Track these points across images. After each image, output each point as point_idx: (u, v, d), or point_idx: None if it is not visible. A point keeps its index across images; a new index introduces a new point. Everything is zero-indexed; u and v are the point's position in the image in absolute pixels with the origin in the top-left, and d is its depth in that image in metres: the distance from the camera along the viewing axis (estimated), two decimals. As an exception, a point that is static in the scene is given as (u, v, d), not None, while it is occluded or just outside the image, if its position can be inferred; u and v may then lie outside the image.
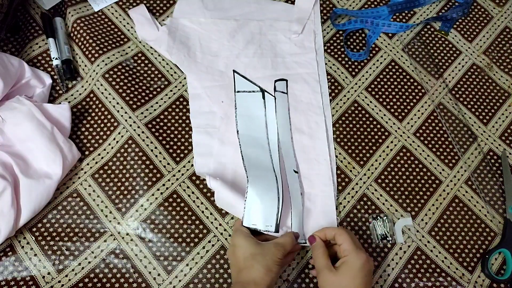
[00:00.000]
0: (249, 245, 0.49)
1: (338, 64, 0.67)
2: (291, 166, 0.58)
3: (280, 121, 0.61)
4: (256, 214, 0.52)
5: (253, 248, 0.48)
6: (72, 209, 0.55)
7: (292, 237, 0.52)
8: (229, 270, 0.53)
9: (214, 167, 0.57)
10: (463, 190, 0.60)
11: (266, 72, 0.64)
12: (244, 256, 0.48)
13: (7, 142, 0.53)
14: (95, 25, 0.65)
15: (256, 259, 0.47)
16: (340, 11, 0.70)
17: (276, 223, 0.52)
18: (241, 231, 0.51)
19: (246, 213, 0.52)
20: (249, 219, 0.52)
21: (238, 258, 0.49)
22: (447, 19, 0.71)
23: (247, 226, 0.52)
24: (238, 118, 0.60)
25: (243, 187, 0.55)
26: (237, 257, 0.49)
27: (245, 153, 0.57)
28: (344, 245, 0.49)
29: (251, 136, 0.59)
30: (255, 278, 0.46)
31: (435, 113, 0.65)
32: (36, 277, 0.51)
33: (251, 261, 0.48)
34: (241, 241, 0.50)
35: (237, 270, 0.49)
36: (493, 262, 0.57)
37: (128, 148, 0.58)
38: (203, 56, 0.64)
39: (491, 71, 0.69)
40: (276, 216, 0.52)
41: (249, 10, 0.69)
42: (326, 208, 0.57)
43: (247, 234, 0.51)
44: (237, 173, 0.57)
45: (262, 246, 0.49)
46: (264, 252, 0.48)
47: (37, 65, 0.62)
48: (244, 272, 0.48)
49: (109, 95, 0.60)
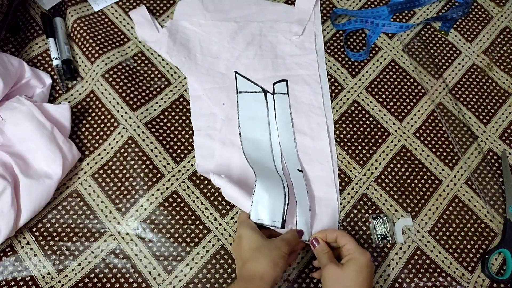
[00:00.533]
0: (256, 238, 0.49)
1: (338, 64, 0.67)
2: (295, 166, 0.58)
3: (282, 123, 0.60)
4: (263, 209, 0.52)
5: (260, 241, 0.48)
6: (72, 209, 0.55)
7: (296, 234, 0.52)
8: (229, 270, 0.53)
9: (216, 169, 0.57)
10: (463, 190, 0.60)
11: (266, 74, 0.64)
12: (250, 247, 0.48)
13: (7, 142, 0.53)
14: (95, 25, 0.65)
15: (263, 252, 0.47)
16: (340, 11, 0.70)
17: (283, 219, 0.52)
18: (248, 223, 0.51)
19: (254, 208, 0.52)
20: (256, 213, 0.52)
21: (243, 249, 0.48)
22: (447, 19, 0.71)
23: (254, 221, 0.52)
24: (241, 120, 0.60)
25: (246, 186, 0.55)
26: (243, 248, 0.49)
27: (248, 156, 0.57)
28: (348, 245, 0.49)
29: (253, 138, 0.59)
30: (261, 271, 0.46)
31: (435, 113, 0.65)
32: (36, 277, 0.51)
33: (257, 254, 0.47)
34: (248, 233, 0.49)
35: (242, 262, 0.48)
36: (493, 262, 0.57)
37: (128, 148, 0.58)
38: (204, 58, 0.64)
39: (491, 71, 0.69)
40: (283, 212, 0.52)
41: (250, 11, 0.69)
42: (329, 209, 0.57)
43: (254, 227, 0.51)
44: (239, 174, 0.57)
45: (269, 240, 0.49)
46: (271, 246, 0.48)
47: (37, 65, 0.62)
48: (249, 265, 0.47)
49: (109, 95, 0.60)
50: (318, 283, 0.54)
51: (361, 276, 0.47)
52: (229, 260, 0.54)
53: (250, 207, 0.52)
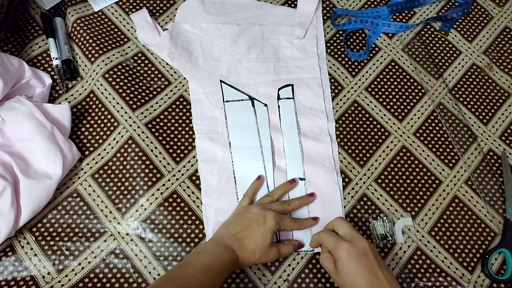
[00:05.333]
0: (269, 236, 0.50)
1: (338, 64, 0.67)
2: (296, 174, 0.58)
3: (287, 128, 0.60)
4: None
5: (262, 238, 0.49)
6: (72, 209, 0.55)
7: (291, 249, 0.53)
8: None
9: (219, 173, 0.57)
10: (463, 190, 0.60)
11: (268, 77, 0.64)
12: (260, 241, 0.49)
13: (7, 142, 0.53)
14: (95, 25, 0.65)
15: (251, 240, 0.49)
16: (340, 11, 0.70)
17: (277, 241, 0.54)
18: (263, 204, 0.53)
19: None
20: None
21: (242, 222, 0.51)
22: (447, 19, 0.71)
23: None
24: (230, 129, 0.60)
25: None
26: (242, 221, 0.51)
27: (238, 172, 0.58)
28: (328, 247, 0.50)
29: (244, 146, 0.59)
30: (240, 254, 0.49)
31: (435, 113, 0.65)
32: (36, 277, 0.51)
33: (247, 238, 0.49)
34: (259, 211, 0.51)
35: (233, 231, 0.50)
36: (493, 262, 0.57)
37: (128, 148, 0.58)
38: (205, 61, 0.64)
39: (491, 71, 0.69)
40: (276, 235, 0.55)
41: (251, 14, 0.68)
42: (332, 212, 0.57)
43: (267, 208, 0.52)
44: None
45: (271, 243, 0.50)
46: (266, 249, 0.50)
47: (37, 65, 0.62)
48: (236, 238, 0.49)
49: (109, 95, 0.60)
50: (318, 283, 0.54)
51: (351, 270, 0.46)
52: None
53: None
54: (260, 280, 0.53)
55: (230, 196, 0.56)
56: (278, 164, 0.59)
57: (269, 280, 0.53)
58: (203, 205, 0.56)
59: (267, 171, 0.58)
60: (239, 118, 0.61)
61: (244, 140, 0.59)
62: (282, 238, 0.55)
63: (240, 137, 0.59)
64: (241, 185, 0.57)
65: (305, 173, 0.58)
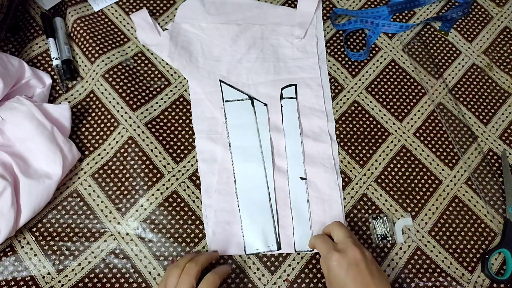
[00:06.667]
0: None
1: (338, 64, 0.67)
2: (298, 173, 0.58)
3: (289, 127, 0.60)
4: (256, 238, 0.55)
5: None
6: (72, 209, 0.55)
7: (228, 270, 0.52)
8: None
9: (219, 173, 0.57)
10: (463, 190, 0.60)
11: (268, 77, 0.64)
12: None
13: (7, 142, 0.53)
14: (95, 25, 0.65)
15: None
16: (340, 11, 0.70)
17: (277, 241, 0.55)
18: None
19: (246, 241, 0.54)
20: (251, 246, 0.54)
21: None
22: (447, 19, 0.71)
23: (250, 253, 0.54)
24: (229, 129, 0.60)
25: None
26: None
27: (237, 172, 0.57)
28: (321, 254, 0.50)
29: (243, 146, 0.59)
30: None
31: (435, 113, 0.65)
32: (36, 277, 0.51)
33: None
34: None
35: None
36: (493, 262, 0.57)
37: (128, 148, 0.58)
38: (205, 61, 0.64)
39: (491, 71, 0.69)
40: (275, 235, 0.55)
41: (251, 14, 0.68)
42: (333, 212, 0.57)
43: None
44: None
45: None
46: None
47: (37, 65, 0.62)
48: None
49: (109, 95, 0.60)
50: (318, 283, 0.54)
51: (341, 283, 0.46)
52: (229, 260, 0.54)
53: (243, 242, 0.54)
54: (260, 280, 0.53)
55: (230, 196, 0.57)
56: (279, 164, 0.59)
57: (269, 280, 0.53)
58: (203, 205, 0.56)
59: (267, 171, 0.58)
60: (239, 118, 0.61)
61: (244, 140, 0.59)
62: (281, 238, 0.55)
63: (240, 137, 0.59)
64: (241, 185, 0.57)
65: (306, 174, 0.58)
